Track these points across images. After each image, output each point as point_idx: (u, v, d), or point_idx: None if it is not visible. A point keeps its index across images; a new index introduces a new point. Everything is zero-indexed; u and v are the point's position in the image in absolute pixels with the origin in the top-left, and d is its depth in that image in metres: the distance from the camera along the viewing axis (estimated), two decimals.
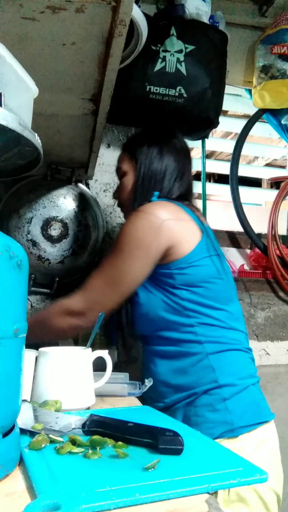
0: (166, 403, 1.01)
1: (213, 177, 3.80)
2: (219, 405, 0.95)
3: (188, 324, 1.00)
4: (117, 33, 0.69)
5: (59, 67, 0.83)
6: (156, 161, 1.11)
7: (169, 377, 1.01)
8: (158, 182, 1.10)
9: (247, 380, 1.00)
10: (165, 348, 1.02)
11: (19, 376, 0.52)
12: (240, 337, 1.04)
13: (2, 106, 0.48)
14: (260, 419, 0.97)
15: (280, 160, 2.76)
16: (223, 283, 1.03)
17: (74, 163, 1.45)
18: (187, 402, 0.98)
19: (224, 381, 0.97)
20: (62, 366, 0.78)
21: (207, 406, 0.96)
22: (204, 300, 1.00)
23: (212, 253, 1.03)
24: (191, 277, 0.99)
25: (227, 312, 1.03)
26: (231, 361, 1.00)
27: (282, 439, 1.03)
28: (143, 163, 1.11)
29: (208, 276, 1.01)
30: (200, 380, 0.97)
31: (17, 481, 0.49)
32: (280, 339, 1.76)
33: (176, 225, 0.99)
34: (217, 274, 1.02)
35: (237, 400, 0.96)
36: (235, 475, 0.49)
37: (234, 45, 1.71)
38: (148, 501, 0.44)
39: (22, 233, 1.45)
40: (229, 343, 1.01)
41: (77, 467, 0.51)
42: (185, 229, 1.01)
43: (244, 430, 0.94)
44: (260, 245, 1.74)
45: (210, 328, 1.00)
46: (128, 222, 1.02)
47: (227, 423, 0.93)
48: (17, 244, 0.52)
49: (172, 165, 1.12)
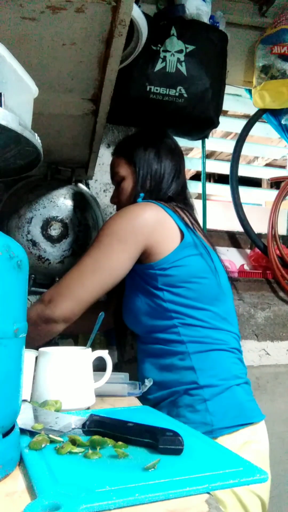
0: (151, 400, 1.02)
1: (213, 177, 3.80)
2: (199, 406, 0.95)
3: (171, 325, 1.00)
4: (117, 33, 0.69)
5: (59, 67, 0.83)
6: (154, 163, 1.13)
7: (154, 374, 1.02)
8: (157, 183, 1.12)
9: (231, 381, 0.99)
10: (152, 346, 1.04)
11: (19, 376, 0.52)
12: (226, 338, 1.03)
13: (2, 106, 0.48)
14: (243, 421, 0.96)
15: (280, 160, 2.76)
16: (208, 282, 1.03)
17: (74, 163, 1.45)
18: (170, 401, 0.99)
19: (205, 381, 0.96)
20: (62, 366, 0.78)
21: (188, 406, 0.96)
22: (186, 300, 1.00)
23: (195, 252, 1.03)
24: (173, 278, 1.00)
25: (212, 312, 1.02)
26: (214, 361, 1.00)
27: (282, 439, 1.03)
28: (142, 166, 1.13)
29: (191, 275, 1.01)
30: (181, 379, 0.98)
31: (17, 481, 0.49)
32: (280, 339, 1.76)
33: (156, 225, 1.01)
34: (201, 273, 1.02)
35: (218, 401, 0.95)
36: (235, 475, 0.49)
37: (234, 45, 1.70)
38: (148, 501, 0.44)
39: (22, 233, 1.45)
40: (213, 343, 1.00)
41: (77, 467, 0.51)
42: (165, 230, 1.02)
43: (224, 432, 0.93)
44: (260, 245, 1.74)
45: (192, 328, 1.00)
46: (110, 219, 1.04)
47: (207, 424, 0.93)
48: (17, 244, 0.52)
49: (170, 166, 1.14)
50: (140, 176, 1.13)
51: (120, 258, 0.99)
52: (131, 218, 1.00)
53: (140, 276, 1.03)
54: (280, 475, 1.59)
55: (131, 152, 1.16)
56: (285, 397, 1.71)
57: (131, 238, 0.99)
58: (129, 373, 1.05)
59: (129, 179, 1.15)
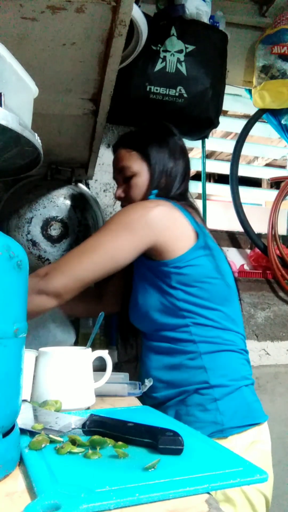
0: (157, 398, 1.02)
1: (213, 177, 3.80)
2: (210, 405, 0.95)
3: (183, 325, 1.00)
4: (117, 33, 0.69)
5: (59, 67, 0.83)
6: (169, 161, 1.11)
7: (162, 373, 1.02)
8: (169, 182, 1.11)
9: (240, 382, 0.99)
10: (160, 344, 1.03)
11: (19, 376, 0.52)
12: (235, 339, 1.04)
13: (2, 106, 0.48)
14: (251, 421, 0.97)
15: (280, 160, 2.76)
16: (219, 283, 1.03)
17: (74, 163, 1.45)
18: (179, 400, 0.98)
19: (216, 381, 0.97)
20: (62, 366, 0.78)
21: (198, 405, 0.96)
22: (199, 300, 1.00)
23: (207, 252, 1.03)
24: (187, 276, 0.99)
25: (222, 313, 1.03)
26: (224, 362, 1.00)
27: (282, 439, 1.03)
28: (158, 163, 1.10)
29: (204, 275, 1.01)
30: (192, 378, 0.98)
31: (17, 481, 0.49)
32: (280, 339, 1.76)
33: (169, 223, 1.00)
34: (213, 273, 1.02)
35: (228, 401, 0.96)
36: (235, 475, 0.49)
37: (234, 45, 1.71)
38: (148, 501, 0.44)
39: (22, 233, 1.45)
40: (224, 344, 1.01)
41: (77, 467, 0.51)
42: (179, 228, 1.01)
43: (234, 431, 0.93)
44: (260, 245, 1.74)
45: (204, 328, 1.00)
46: (121, 210, 1.02)
47: (217, 423, 0.93)
48: (17, 244, 0.52)
49: (182, 166, 1.13)
50: (156, 173, 1.09)
51: (125, 245, 0.97)
52: (144, 212, 0.98)
53: (153, 273, 1.02)
54: (280, 475, 1.59)
55: (145, 147, 1.11)
56: (285, 397, 1.71)
57: (140, 230, 0.97)
58: (129, 373, 1.05)
59: (143, 175, 1.11)
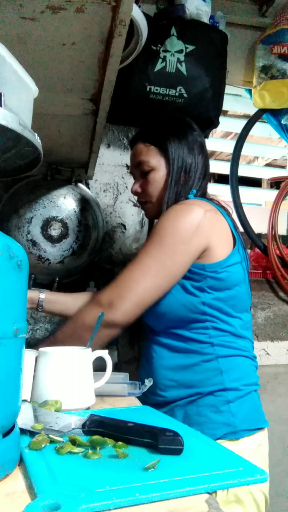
0: (166, 397, 1.01)
1: (213, 177, 3.80)
2: (223, 407, 0.95)
3: (203, 327, 0.99)
4: (117, 33, 0.69)
5: (59, 67, 0.83)
6: (188, 157, 1.07)
7: (174, 371, 1.00)
8: (188, 179, 1.07)
9: (251, 387, 1.01)
10: (174, 342, 1.01)
11: (19, 376, 0.52)
12: (248, 345, 1.05)
13: (2, 106, 0.47)
14: (259, 425, 0.99)
15: (280, 160, 2.76)
16: (242, 291, 1.03)
17: (74, 163, 1.45)
18: (190, 400, 0.98)
19: (231, 385, 0.97)
20: (62, 366, 0.78)
21: (210, 406, 0.96)
22: (224, 306, 0.99)
23: (240, 259, 1.02)
24: (220, 282, 0.98)
25: (242, 321, 1.03)
26: (238, 366, 1.00)
27: (282, 439, 1.04)
28: (177, 159, 1.06)
29: (234, 283, 1.00)
30: (207, 380, 0.97)
31: (17, 481, 0.49)
32: (280, 339, 1.76)
33: (215, 227, 0.98)
34: (241, 281, 1.02)
35: (240, 404, 0.97)
36: (235, 475, 0.49)
37: (234, 45, 1.71)
38: (148, 501, 0.44)
39: (22, 233, 1.45)
40: (239, 349, 1.01)
41: (77, 467, 0.51)
42: (222, 232, 1.00)
43: (245, 434, 0.95)
44: (260, 245, 1.74)
45: (223, 333, 1.00)
46: (170, 215, 0.97)
47: (230, 425, 0.94)
48: (17, 244, 0.52)
49: (201, 162, 1.09)
50: (175, 169, 1.06)
51: (184, 259, 0.95)
52: (194, 218, 0.95)
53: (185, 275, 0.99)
54: (280, 475, 1.59)
55: (163, 141, 1.08)
56: (285, 397, 1.71)
57: (193, 239, 0.94)
58: (129, 373, 1.04)
59: (160, 171, 1.08)
